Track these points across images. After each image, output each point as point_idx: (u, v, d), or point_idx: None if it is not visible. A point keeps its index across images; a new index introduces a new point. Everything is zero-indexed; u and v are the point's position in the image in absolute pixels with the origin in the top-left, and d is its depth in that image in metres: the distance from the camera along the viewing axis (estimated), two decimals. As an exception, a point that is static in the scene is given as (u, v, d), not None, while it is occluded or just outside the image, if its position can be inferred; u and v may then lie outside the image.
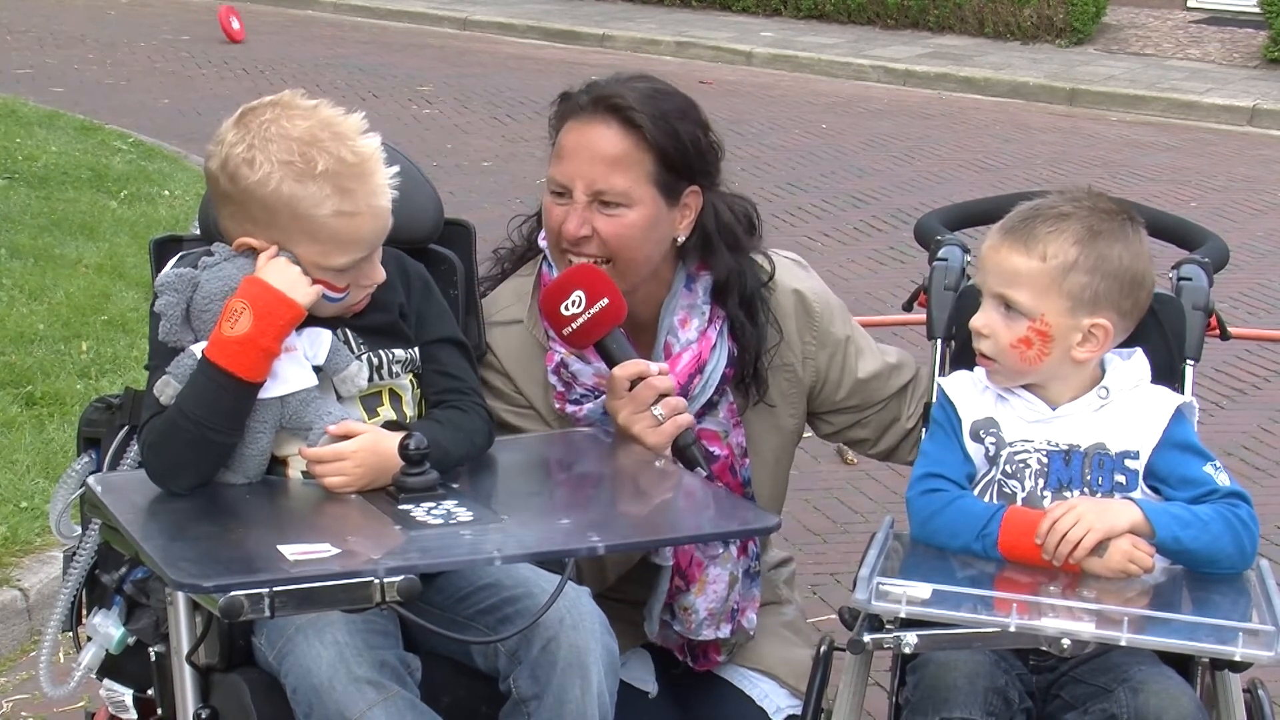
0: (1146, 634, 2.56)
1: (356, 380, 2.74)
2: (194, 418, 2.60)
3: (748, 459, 3.19)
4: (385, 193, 2.71)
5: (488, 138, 10.96)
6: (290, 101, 2.71)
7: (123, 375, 5.67)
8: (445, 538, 2.48)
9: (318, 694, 2.56)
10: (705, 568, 3.13)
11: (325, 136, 2.66)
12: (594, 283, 2.94)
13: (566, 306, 2.92)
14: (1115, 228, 2.85)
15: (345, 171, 2.66)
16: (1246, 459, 6.06)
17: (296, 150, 2.64)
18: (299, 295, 2.63)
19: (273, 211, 2.66)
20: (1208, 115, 12.97)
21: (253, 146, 2.65)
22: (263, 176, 2.64)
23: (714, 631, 3.17)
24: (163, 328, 2.68)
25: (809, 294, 3.24)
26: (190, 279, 2.68)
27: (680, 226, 3.09)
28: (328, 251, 2.68)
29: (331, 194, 2.65)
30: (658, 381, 2.92)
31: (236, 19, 14.33)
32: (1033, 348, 2.84)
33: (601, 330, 2.93)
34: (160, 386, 2.65)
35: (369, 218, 2.69)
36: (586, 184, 3.00)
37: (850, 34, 15.63)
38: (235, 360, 2.59)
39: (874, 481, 5.67)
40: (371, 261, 2.74)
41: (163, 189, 8.52)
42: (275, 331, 2.61)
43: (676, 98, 3.09)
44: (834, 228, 9.08)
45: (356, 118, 2.73)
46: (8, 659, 4.40)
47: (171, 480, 2.63)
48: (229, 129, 2.70)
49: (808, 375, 3.24)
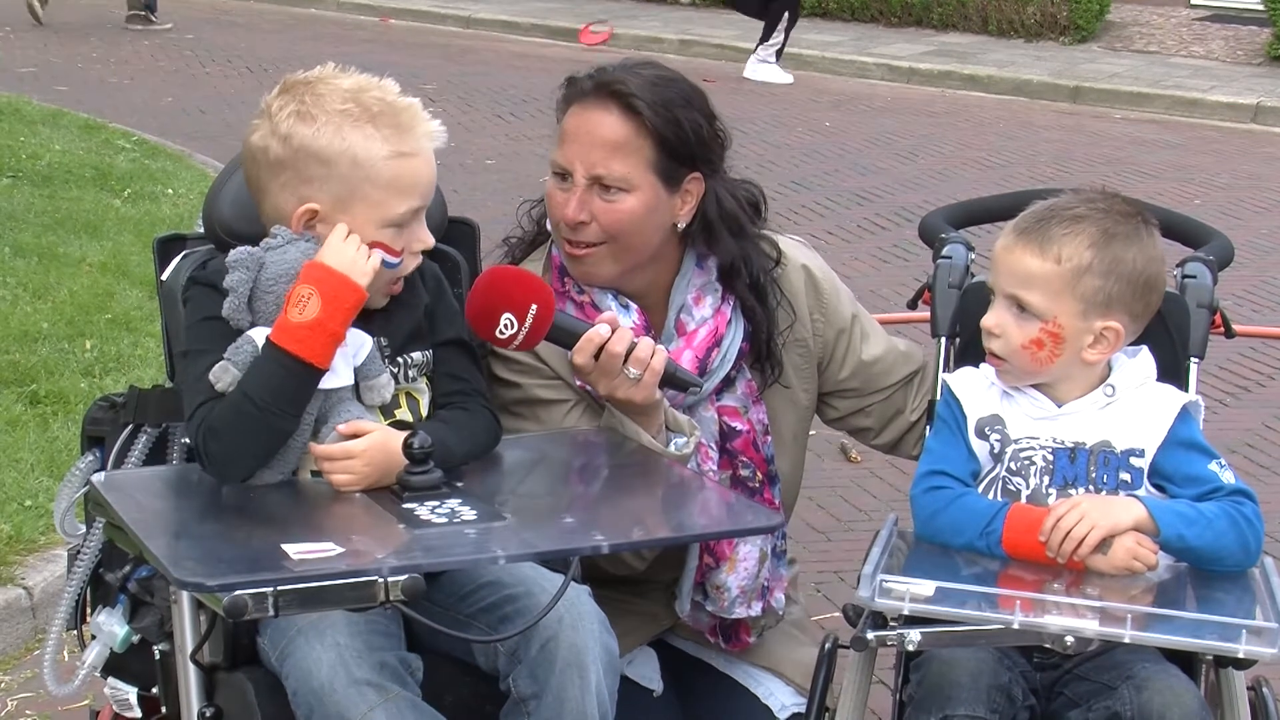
0: (1150, 631, 2.56)
1: (382, 392, 2.75)
2: (261, 403, 2.59)
3: (769, 436, 3.20)
4: (431, 140, 2.78)
5: (491, 136, 10.97)
6: (328, 72, 2.78)
7: (126, 374, 5.67)
8: (449, 537, 2.48)
9: (318, 697, 2.56)
10: (736, 545, 3.14)
11: (372, 87, 2.75)
12: (512, 296, 2.86)
13: (501, 331, 2.87)
14: (1130, 231, 2.85)
15: (399, 113, 2.73)
16: (1250, 456, 6.06)
17: (350, 98, 2.71)
18: (360, 277, 2.64)
19: (331, 164, 2.68)
20: (1211, 113, 12.97)
21: (304, 102, 2.71)
22: (319, 127, 2.69)
23: (746, 610, 3.18)
24: (229, 304, 2.65)
25: (817, 271, 3.26)
26: (258, 258, 2.68)
27: (681, 213, 3.10)
28: (387, 200, 2.70)
29: (391, 134, 2.70)
30: (615, 346, 2.89)
31: (594, 32, 14.43)
32: (1044, 349, 2.83)
33: (543, 330, 2.90)
34: (219, 373, 2.62)
35: (424, 162, 2.75)
36: (586, 168, 3.01)
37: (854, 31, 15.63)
38: (305, 345, 2.59)
39: (878, 479, 5.67)
40: (421, 220, 2.78)
41: (166, 187, 8.53)
42: (343, 316, 2.63)
43: (681, 85, 3.10)
44: (837, 225, 9.08)
45: (391, 81, 2.81)
46: (12, 657, 4.40)
47: (231, 466, 2.63)
48: (274, 99, 2.75)
49: (816, 350, 3.25)
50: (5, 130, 9.31)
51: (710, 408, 3.14)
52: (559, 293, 3.10)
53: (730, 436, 3.14)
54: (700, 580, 3.16)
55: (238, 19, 15.66)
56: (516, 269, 3.02)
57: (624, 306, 3.10)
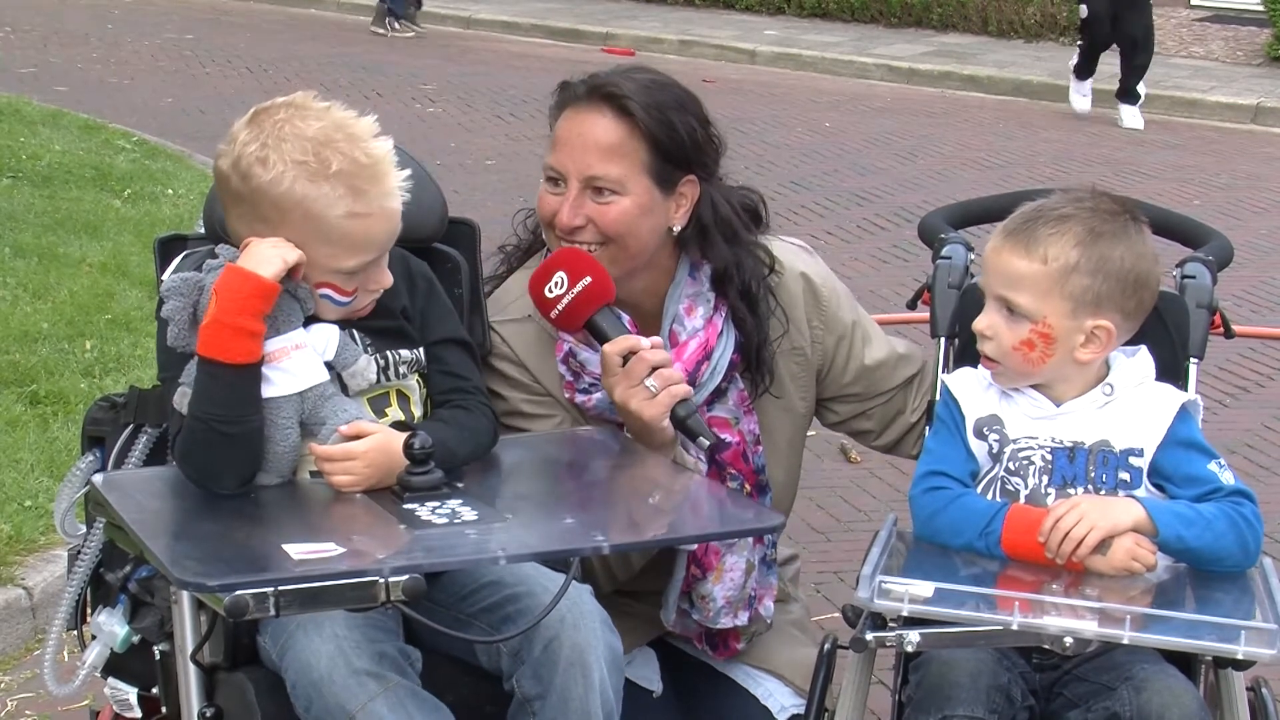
0: (1149, 632, 2.56)
1: (365, 374, 2.74)
2: (201, 416, 2.60)
3: (760, 446, 3.20)
4: (397, 196, 2.71)
5: (491, 136, 10.97)
6: (304, 103, 2.71)
7: (127, 374, 5.67)
8: (450, 537, 2.48)
9: (317, 688, 2.57)
10: (722, 556, 3.14)
11: (339, 138, 2.66)
12: (575, 264, 2.95)
13: (550, 289, 2.93)
14: (1117, 228, 2.85)
15: (359, 173, 2.65)
16: (1250, 457, 6.06)
17: (311, 150, 2.64)
18: (263, 266, 2.61)
19: (285, 211, 2.65)
20: (1211, 113, 12.97)
21: (266, 145, 2.65)
22: (276, 175, 2.64)
23: (732, 620, 3.18)
24: (170, 333, 2.66)
25: (816, 278, 3.25)
26: (195, 282, 2.67)
27: (676, 216, 3.10)
28: (338, 254, 2.67)
29: (345, 195, 2.64)
30: (650, 355, 2.91)
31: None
32: (1035, 350, 2.83)
33: (588, 310, 2.93)
34: (179, 399, 2.65)
35: (380, 219, 2.69)
36: (579, 171, 3.01)
37: (853, 32, 15.64)
38: (212, 346, 2.59)
39: (877, 480, 5.67)
40: (379, 266, 2.74)
41: (166, 188, 8.53)
42: (238, 307, 2.59)
43: (674, 89, 3.10)
44: (837, 226, 9.08)
45: (369, 120, 2.73)
46: (12, 657, 4.40)
47: (212, 483, 2.64)
48: (241, 128, 2.69)
49: (815, 358, 3.25)
50: (5, 130, 9.31)
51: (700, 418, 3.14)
52: None
53: (719, 448, 3.12)
54: (687, 590, 3.15)
55: (238, 19, 15.66)
56: (594, 258, 3.02)
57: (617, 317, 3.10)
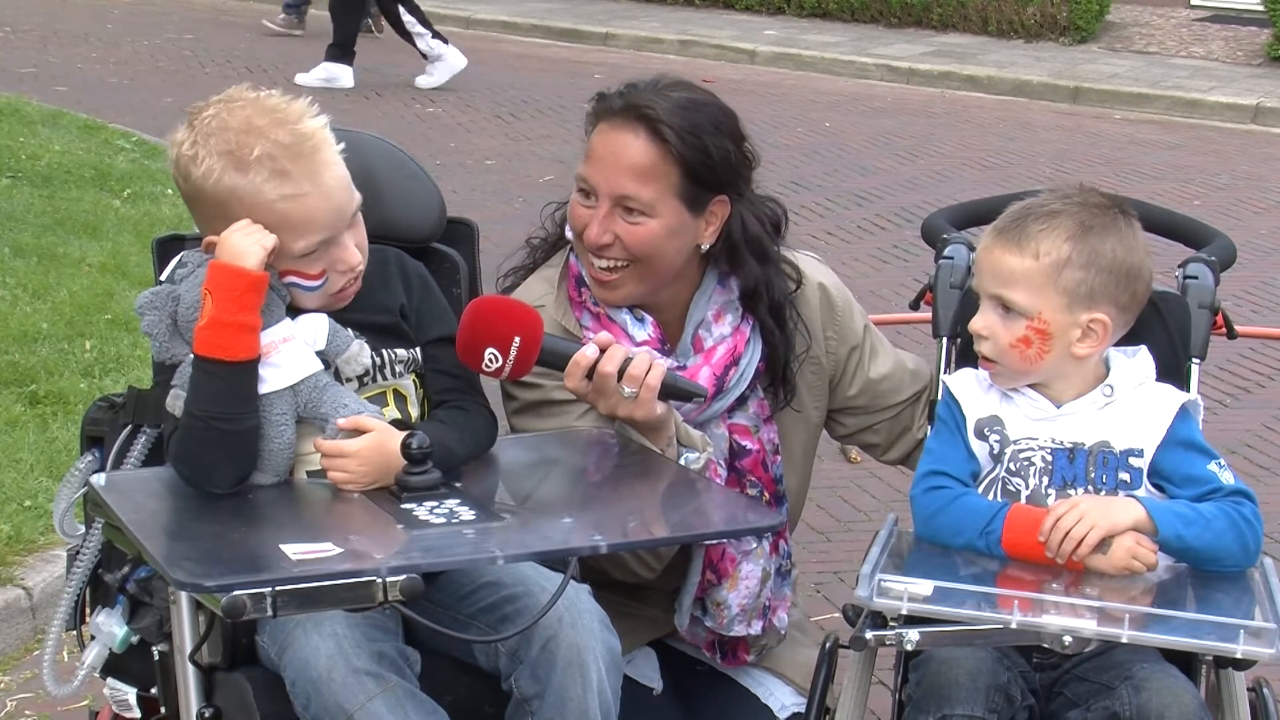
0: (1148, 631, 2.55)
1: (359, 359, 2.74)
2: (199, 414, 2.61)
3: (779, 456, 3.20)
4: (330, 170, 2.69)
5: (491, 136, 10.96)
6: (234, 95, 2.72)
7: (126, 374, 5.67)
8: (448, 537, 2.48)
9: (316, 686, 2.57)
10: (738, 563, 3.13)
11: (263, 122, 2.66)
12: (495, 329, 2.83)
13: (487, 364, 2.83)
14: (1107, 222, 2.85)
15: (281, 154, 2.65)
16: (1250, 457, 6.05)
17: (233, 140, 2.65)
18: (247, 260, 2.61)
19: (224, 205, 2.66)
20: (1211, 113, 12.95)
21: (195, 143, 2.67)
22: (206, 170, 2.65)
23: (745, 628, 3.17)
24: (154, 348, 2.70)
25: (832, 289, 3.26)
26: (169, 294, 2.70)
27: (705, 235, 3.08)
28: (286, 239, 2.67)
29: (270, 178, 2.64)
30: (605, 366, 2.86)
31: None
32: (1032, 346, 2.83)
33: (532, 358, 2.86)
34: (171, 401, 2.67)
35: (317, 198, 2.67)
36: (611, 189, 2.99)
37: (853, 32, 15.62)
38: (211, 345, 2.60)
39: (878, 480, 5.67)
40: (340, 244, 2.72)
41: (166, 188, 8.51)
42: (235, 303, 2.60)
43: (711, 109, 3.06)
44: (837, 226, 9.07)
45: (302, 102, 2.73)
46: (11, 658, 4.40)
47: (207, 482, 2.64)
48: (180, 131, 2.71)
49: (829, 367, 3.25)
50: (5, 130, 9.30)
51: (722, 425, 3.14)
52: (575, 302, 3.10)
53: (740, 455, 3.14)
54: (700, 595, 3.15)
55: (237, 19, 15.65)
56: (500, 299, 2.96)
57: (639, 319, 3.09)
